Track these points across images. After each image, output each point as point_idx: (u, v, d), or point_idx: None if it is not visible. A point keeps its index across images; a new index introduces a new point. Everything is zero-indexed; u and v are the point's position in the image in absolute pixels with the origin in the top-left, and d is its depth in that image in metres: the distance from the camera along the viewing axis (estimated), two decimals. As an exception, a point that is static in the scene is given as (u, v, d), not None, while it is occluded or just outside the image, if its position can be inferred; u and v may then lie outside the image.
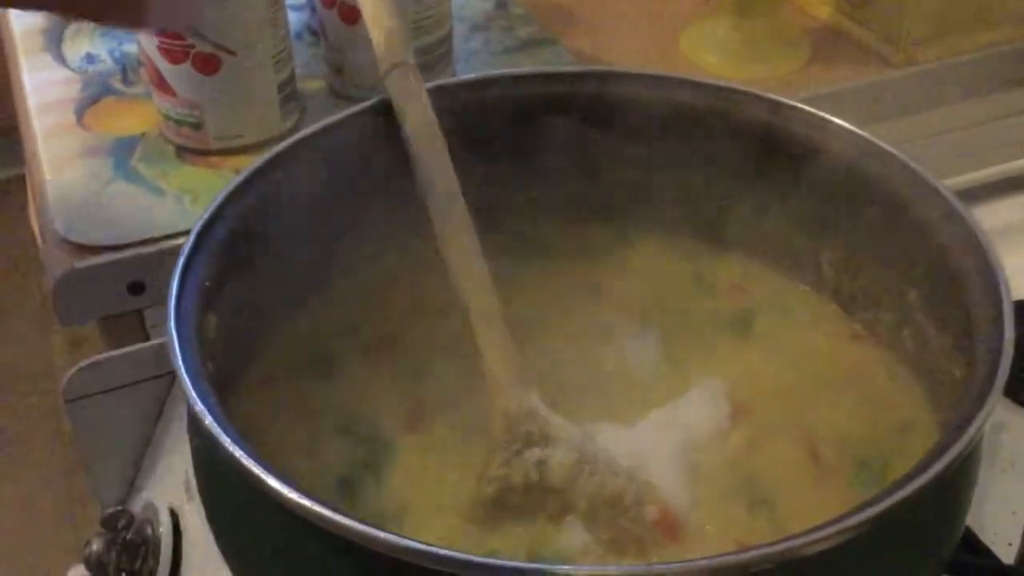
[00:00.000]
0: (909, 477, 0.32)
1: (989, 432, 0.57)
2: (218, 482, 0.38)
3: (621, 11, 0.83)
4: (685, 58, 0.78)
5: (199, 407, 0.35)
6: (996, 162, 0.73)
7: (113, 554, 0.53)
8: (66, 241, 0.60)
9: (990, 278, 0.41)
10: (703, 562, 0.31)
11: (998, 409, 0.57)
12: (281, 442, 0.43)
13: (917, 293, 0.46)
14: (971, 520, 0.50)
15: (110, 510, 0.52)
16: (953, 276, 0.42)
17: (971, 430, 0.34)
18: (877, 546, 0.33)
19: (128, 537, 0.53)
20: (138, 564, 0.52)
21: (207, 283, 0.42)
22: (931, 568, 0.38)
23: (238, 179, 0.45)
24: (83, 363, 0.54)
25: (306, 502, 0.32)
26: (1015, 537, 0.50)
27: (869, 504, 0.32)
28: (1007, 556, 0.49)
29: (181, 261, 0.41)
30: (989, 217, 0.70)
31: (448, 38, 0.72)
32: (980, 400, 0.35)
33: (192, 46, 0.62)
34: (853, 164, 0.47)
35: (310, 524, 0.32)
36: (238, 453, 0.33)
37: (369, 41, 0.67)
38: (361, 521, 0.32)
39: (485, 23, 0.82)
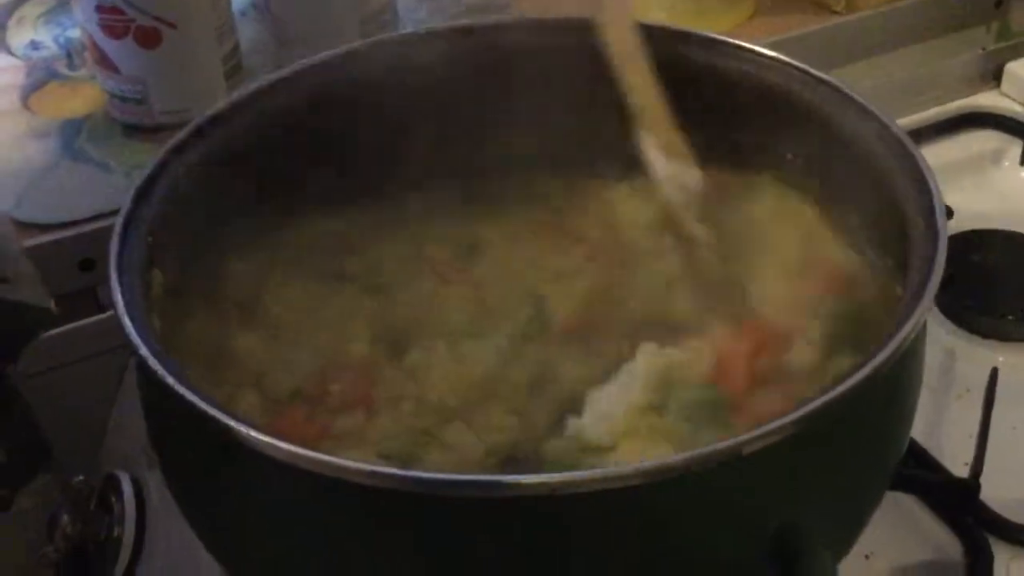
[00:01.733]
0: (844, 377, 0.33)
1: (943, 360, 0.58)
2: (168, 426, 0.38)
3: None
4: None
5: (143, 350, 0.35)
6: (938, 103, 0.74)
7: (79, 525, 0.52)
8: (14, 221, 0.60)
9: (927, 199, 0.42)
10: (646, 464, 0.31)
11: (950, 338, 0.59)
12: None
13: (858, 217, 0.47)
14: (930, 445, 0.52)
15: (73, 482, 0.52)
16: (896, 205, 0.42)
17: (904, 330, 0.35)
18: (816, 446, 0.33)
19: (92, 508, 0.53)
20: (103, 534, 0.52)
21: (149, 238, 0.42)
22: (874, 478, 0.38)
23: (179, 136, 0.45)
24: (40, 336, 0.54)
25: (248, 430, 0.32)
26: (970, 457, 0.50)
27: (802, 403, 0.32)
28: (963, 475, 0.50)
29: (123, 213, 0.41)
30: (933, 156, 0.72)
31: (391, 5, 0.72)
32: (914, 302, 0.36)
33: (133, 20, 0.62)
34: (788, 92, 0.48)
35: (256, 452, 0.32)
36: (182, 390, 0.33)
37: (312, 12, 0.68)
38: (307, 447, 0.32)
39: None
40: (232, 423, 0.32)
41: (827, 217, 0.49)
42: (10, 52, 0.77)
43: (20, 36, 0.79)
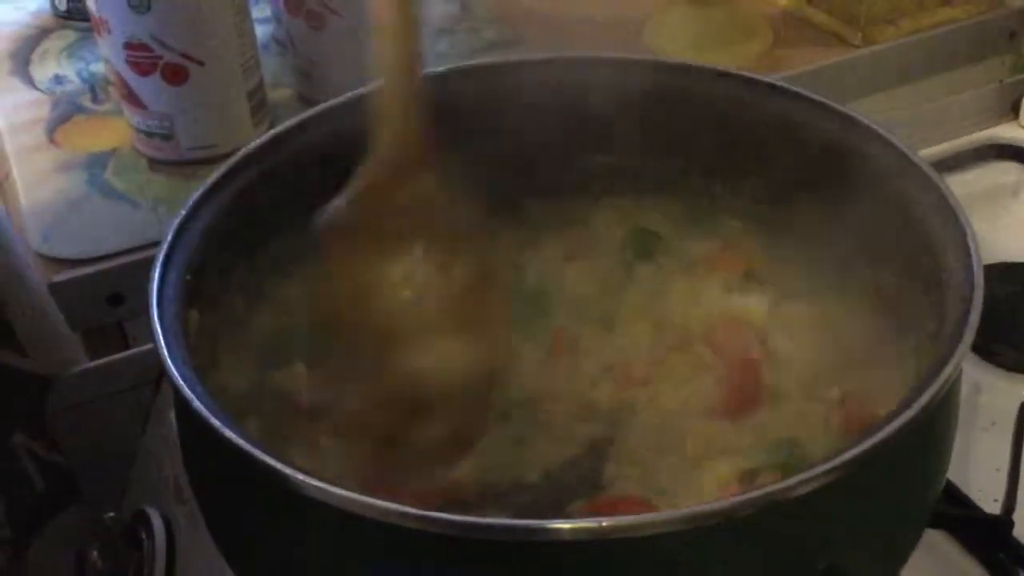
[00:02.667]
0: (885, 421, 0.33)
1: (968, 393, 0.58)
2: (209, 462, 0.38)
3: (584, 9, 0.84)
4: (647, 49, 0.79)
5: (185, 391, 0.35)
6: (955, 136, 0.74)
7: (109, 562, 0.53)
8: (42, 256, 0.61)
9: (959, 237, 0.42)
10: (685, 511, 0.31)
11: (975, 371, 0.59)
12: None
13: (896, 259, 0.47)
14: (957, 479, 0.52)
15: (104, 517, 0.52)
16: (927, 240, 0.43)
17: (944, 374, 0.35)
18: (855, 491, 0.33)
19: (121, 545, 0.53)
20: (132, 571, 0.52)
21: (188, 277, 0.42)
22: (914, 518, 0.39)
23: (214, 176, 0.46)
24: (65, 374, 0.54)
25: (305, 478, 0.32)
26: (1000, 492, 0.50)
27: (846, 448, 0.32)
28: (994, 511, 0.50)
29: (162, 253, 0.41)
30: (955, 187, 0.72)
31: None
32: (953, 344, 0.36)
33: (160, 57, 0.63)
34: (823, 135, 0.48)
35: (310, 499, 0.32)
36: (228, 432, 0.33)
37: (335, 46, 0.69)
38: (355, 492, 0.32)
39: (450, 26, 0.82)
40: (289, 472, 0.33)
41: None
42: (34, 86, 0.77)
43: (44, 70, 0.79)
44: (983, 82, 0.76)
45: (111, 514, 0.52)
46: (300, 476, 0.32)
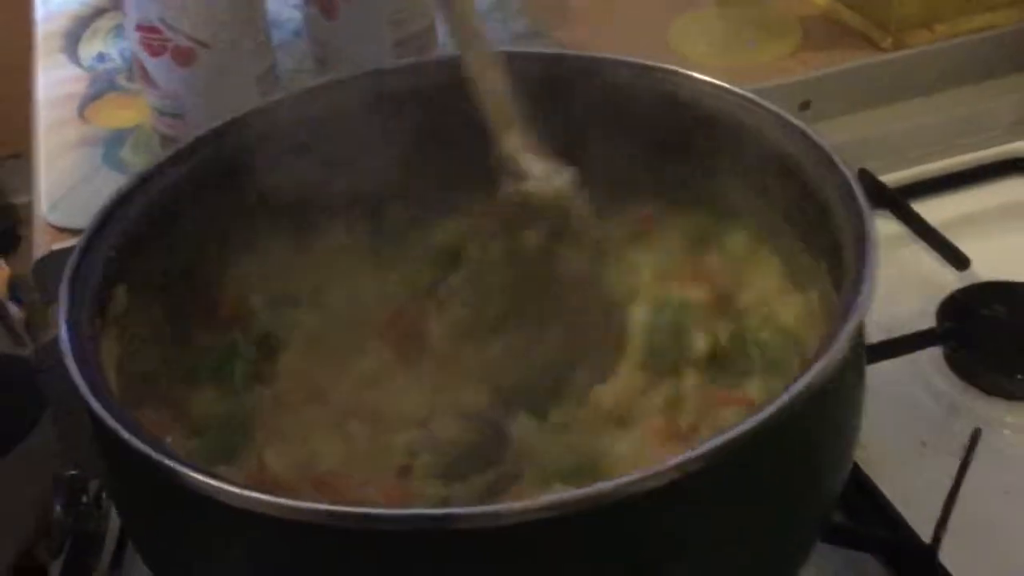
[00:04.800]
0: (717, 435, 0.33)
1: (943, 415, 0.56)
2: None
3: (614, 4, 0.84)
4: (672, 49, 0.78)
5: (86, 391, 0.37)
6: (981, 147, 0.71)
7: (71, 520, 0.55)
8: (49, 225, 0.64)
9: (854, 207, 0.41)
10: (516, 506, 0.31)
11: (953, 392, 0.56)
12: None
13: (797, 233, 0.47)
14: (903, 501, 0.50)
15: (65, 474, 0.55)
16: (823, 210, 0.42)
17: (815, 368, 0.34)
18: (707, 493, 0.33)
19: (85, 502, 0.56)
20: (91, 527, 0.55)
21: (112, 253, 0.44)
22: (792, 525, 0.38)
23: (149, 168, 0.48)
24: (47, 338, 0.57)
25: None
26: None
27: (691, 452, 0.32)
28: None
29: (88, 229, 0.43)
30: (969, 202, 0.69)
31: (431, 29, 0.74)
32: (826, 345, 0.35)
33: (169, 40, 0.65)
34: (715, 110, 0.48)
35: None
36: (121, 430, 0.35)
37: (350, 33, 0.70)
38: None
39: (481, 16, 0.83)
40: (171, 463, 0.34)
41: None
42: (79, 63, 0.81)
43: (90, 48, 0.83)
44: (1013, 92, 0.73)
45: (73, 472, 0.55)
46: (184, 469, 0.33)
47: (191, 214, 0.49)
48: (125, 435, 0.35)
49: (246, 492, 0.33)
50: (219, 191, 0.50)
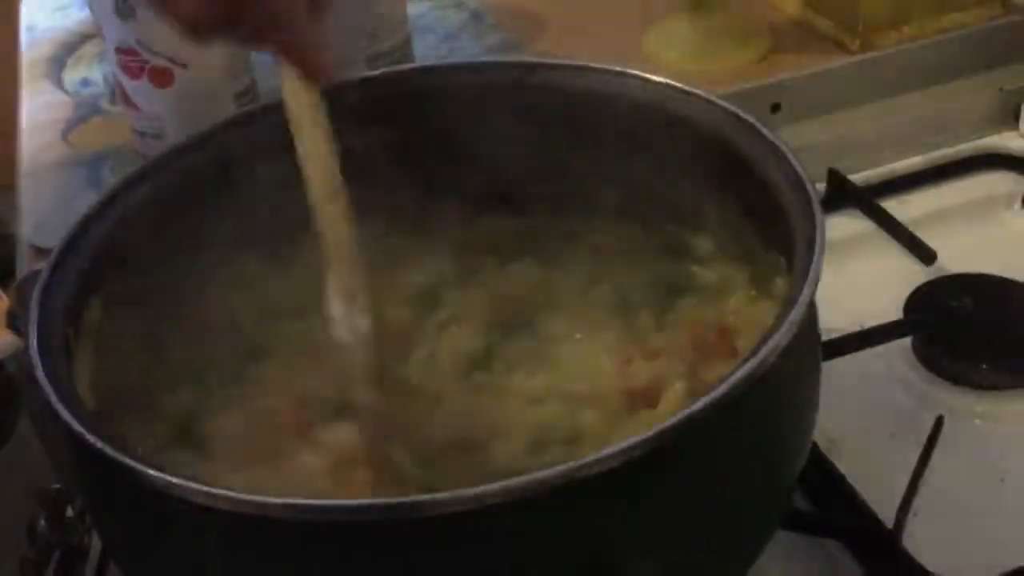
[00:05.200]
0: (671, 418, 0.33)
1: (913, 405, 0.56)
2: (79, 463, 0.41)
3: (588, 16, 0.85)
4: (646, 57, 0.79)
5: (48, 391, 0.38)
6: (954, 143, 0.72)
7: (56, 533, 0.56)
8: (32, 246, 0.65)
9: (802, 193, 0.42)
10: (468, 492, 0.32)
11: (921, 382, 0.57)
12: None
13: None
14: (869, 489, 0.51)
15: (48, 488, 0.56)
16: (779, 205, 0.43)
17: (756, 359, 0.35)
18: (653, 478, 0.34)
19: (70, 516, 0.57)
20: (74, 540, 0.56)
21: (87, 265, 0.45)
22: (742, 515, 0.38)
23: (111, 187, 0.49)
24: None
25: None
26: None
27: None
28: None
29: (64, 238, 0.44)
30: (944, 196, 0.70)
31: (405, 44, 0.75)
32: (777, 325, 0.36)
33: (147, 62, 0.67)
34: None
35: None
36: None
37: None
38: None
39: (457, 33, 0.84)
40: (126, 460, 0.35)
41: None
42: (63, 88, 0.83)
43: (75, 73, 0.85)
44: (983, 89, 0.74)
45: (57, 486, 0.56)
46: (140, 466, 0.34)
47: (165, 227, 0.50)
48: (78, 429, 0.36)
49: (202, 488, 0.34)
50: (191, 203, 0.51)
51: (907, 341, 0.59)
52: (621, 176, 0.52)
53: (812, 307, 0.40)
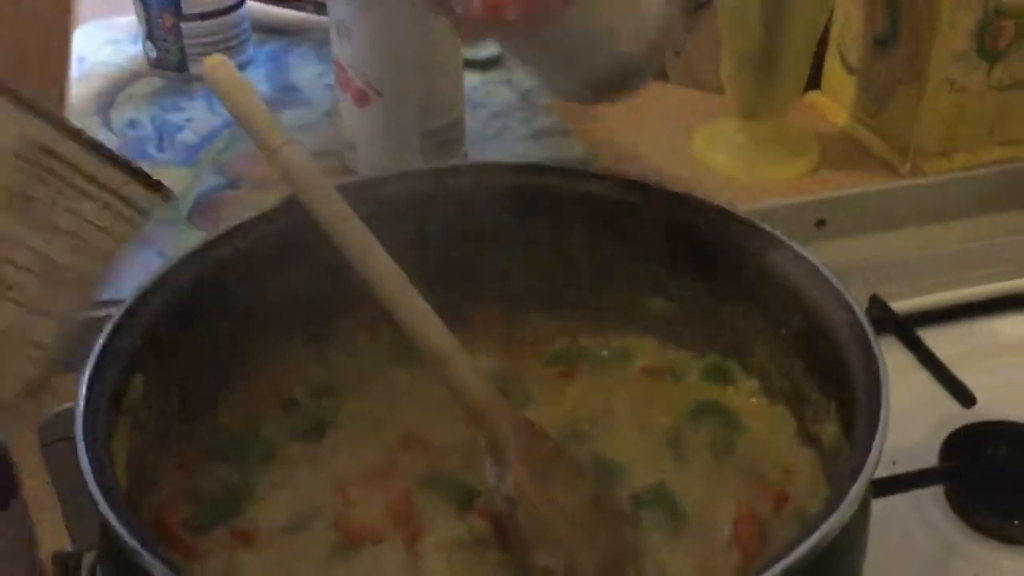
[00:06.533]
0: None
1: (940, 552, 0.56)
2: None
3: (640, 108, 0.85)
4: (694, 157, 0.79)
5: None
6: (994, 279, 0.72)
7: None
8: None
9: (871, 363, 0.42)
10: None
11: (952, 532, 0.56)
12: None
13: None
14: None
15: (59, 552, 0.55)
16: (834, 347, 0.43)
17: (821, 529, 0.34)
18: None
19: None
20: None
21: (138, 342, 0.45)
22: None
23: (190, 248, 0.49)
24: (57, 409, 0.58)
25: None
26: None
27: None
28: None
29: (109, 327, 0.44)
30: (979, 334, 0.70)
31: (459, 122, 0.75)
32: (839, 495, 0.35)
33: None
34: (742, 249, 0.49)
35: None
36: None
37: (376, 124, 0.72)
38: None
39: (506, 111, 0.84)
40: None
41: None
42: (110, 128, 0.83)
43: (123, 114, 0.85)
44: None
45: (69, 549, 0.55)
46: None
47: (214, 307, 0.49)
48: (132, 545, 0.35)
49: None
50: (243, 283, 0.50)
51: (940, 487, 0.58)
52: (674, 300, 0.52)
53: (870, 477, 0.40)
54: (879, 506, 0.55)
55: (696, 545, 0.45)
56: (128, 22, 0.93)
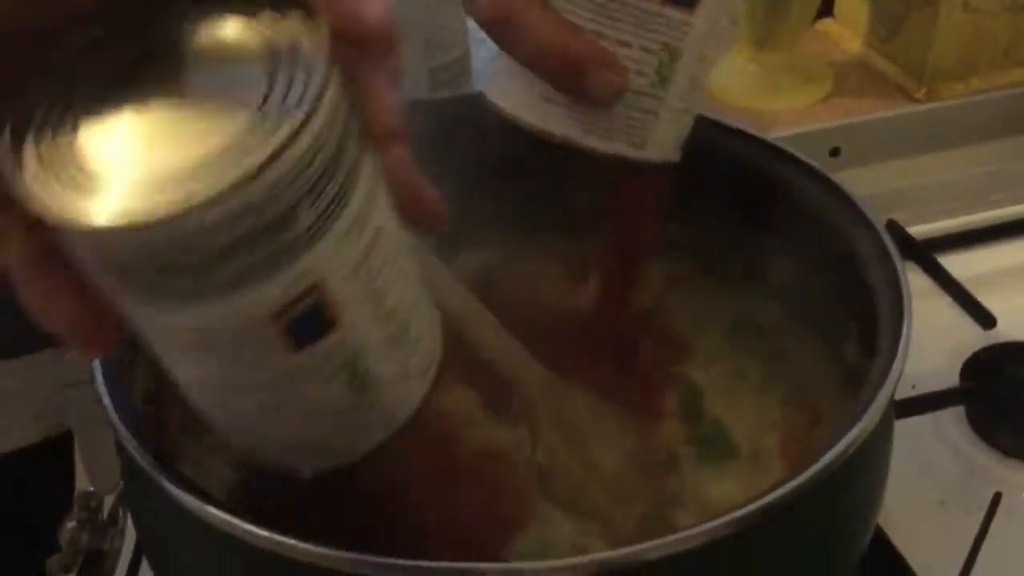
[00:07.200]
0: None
1: (959, 474, 0.55)
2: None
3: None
4: (708, 93, 0.78)
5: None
6: (1013, 202, 0.71)
7: (85, 535, 0.56)
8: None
9: (889, 270, 0.42)
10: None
11: (973, 450, 0.56)
12: None
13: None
14: (919, 560, 0.50)
15: (82, 492, 0.55)
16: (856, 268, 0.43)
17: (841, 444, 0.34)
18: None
19: (102, 519, 0.56)
20: (106, 544, 0.55)
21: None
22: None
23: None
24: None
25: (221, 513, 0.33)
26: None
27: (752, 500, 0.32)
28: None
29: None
30: (999, 257, 0.69)
31: (464, 58, 0.74)
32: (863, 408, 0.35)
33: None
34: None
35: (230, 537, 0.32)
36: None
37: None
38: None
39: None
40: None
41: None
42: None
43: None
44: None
45: (91, 489, 0.55)
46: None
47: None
48: (153, 474, 0.35)
49: (268, 534, 0.33)
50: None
51: (960, 407, 0.58)
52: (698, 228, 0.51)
53: (893, 392, 0.39)
54: (901, 428, 0.55)
55: (744, 469, 0.45)
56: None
